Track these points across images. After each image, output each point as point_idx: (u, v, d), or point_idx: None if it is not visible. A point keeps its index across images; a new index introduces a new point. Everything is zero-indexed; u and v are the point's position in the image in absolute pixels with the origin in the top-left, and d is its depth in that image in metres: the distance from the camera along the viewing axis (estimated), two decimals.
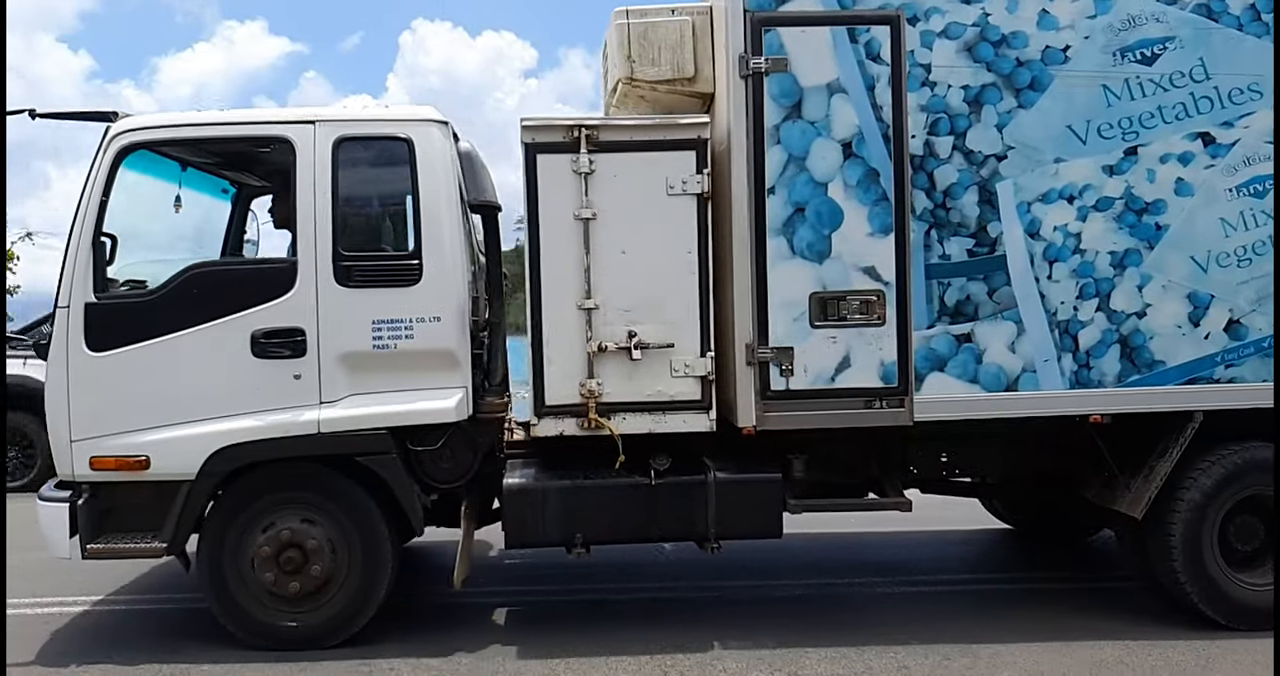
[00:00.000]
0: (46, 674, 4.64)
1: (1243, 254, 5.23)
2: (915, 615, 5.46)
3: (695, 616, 5.45)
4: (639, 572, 6.40)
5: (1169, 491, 5.14)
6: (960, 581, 6.17)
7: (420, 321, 4.77)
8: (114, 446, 4.71)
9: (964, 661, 4.66)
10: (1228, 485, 5.14)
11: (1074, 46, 4.97)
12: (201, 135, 4.92)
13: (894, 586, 6.06)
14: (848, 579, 6.18)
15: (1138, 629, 5.10)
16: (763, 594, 5.88)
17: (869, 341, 4.97)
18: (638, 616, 5.47)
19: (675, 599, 5.85)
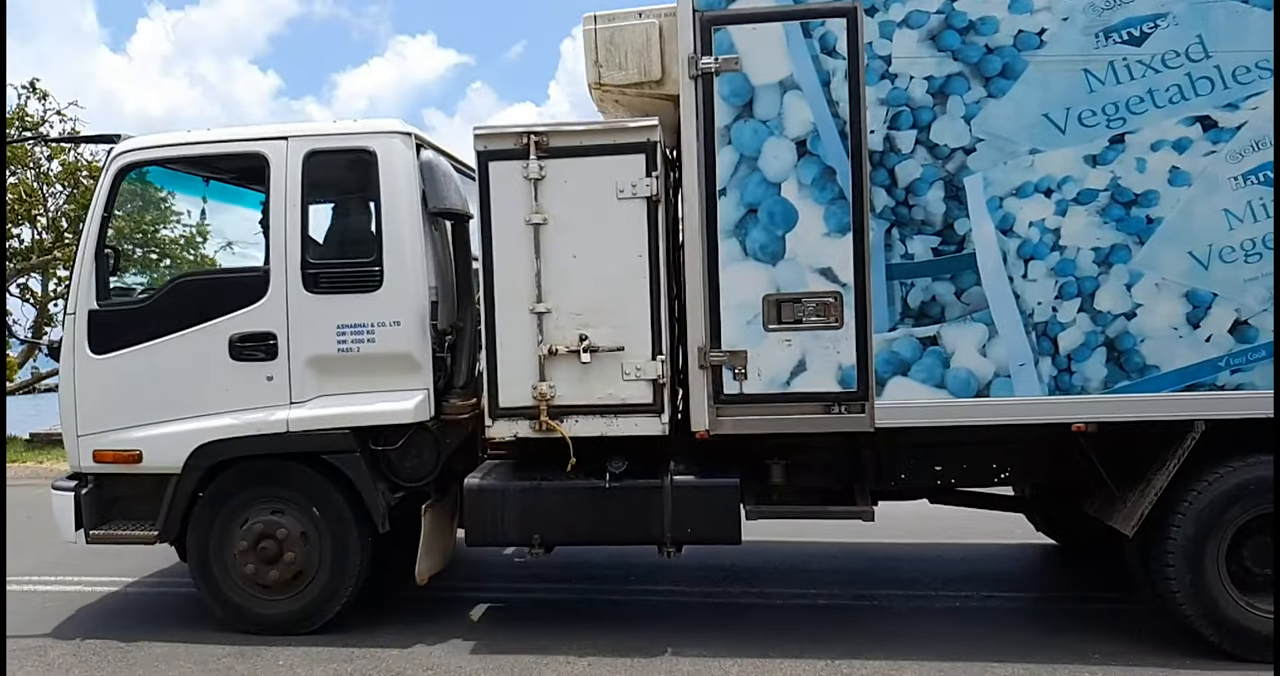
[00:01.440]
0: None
1: (1250, 248, 4.52)
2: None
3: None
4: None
5: (1169, 507, 4.51)
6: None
7: (381, 326, 4.75)
8: (112, 441, 4.91)
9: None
10: (1235, 502, 4.43)
11: (1051, 29, 4.38)
12: (189, 154, 5.04)
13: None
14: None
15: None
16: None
17: (826, 344, 4.56)
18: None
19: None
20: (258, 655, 4.69)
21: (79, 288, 4.94)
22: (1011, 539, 6.60)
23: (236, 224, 6.05)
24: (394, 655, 4.67)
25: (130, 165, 4.98)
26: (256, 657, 4.66)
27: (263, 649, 4.75)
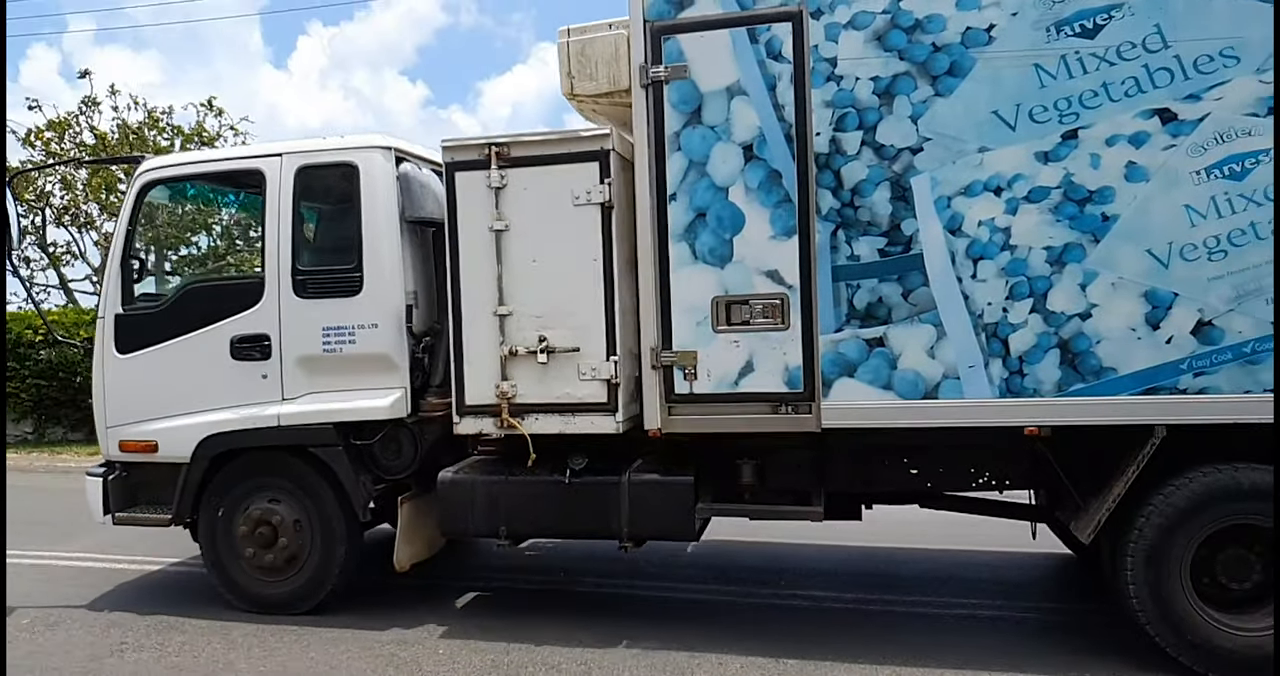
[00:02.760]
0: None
1: (1215, 245, 4.13)
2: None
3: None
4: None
5: (1130, 517, 4.20)
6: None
7: (361, 328, 4.89)
8: (134, 432, 5.21)
9: None
10: (1201, 512, 4.05)
11: (1000, 25, 4.11)
12: (200, 171, 5.37)
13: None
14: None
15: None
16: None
17: (773, 346, 4.42)
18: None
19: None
20: (419, 642, 4.76)
21: (107, 294, 5.44)
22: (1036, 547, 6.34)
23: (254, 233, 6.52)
24: (550, 650, 4.63)
25: (151, 183, 5.34)
26: (418, 645, 4.72)
27: (424, 638, 4.83)
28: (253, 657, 4.62)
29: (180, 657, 4.65)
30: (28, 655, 4.68)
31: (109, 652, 4.72)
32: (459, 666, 4.46)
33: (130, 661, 4.61)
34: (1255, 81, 4.00)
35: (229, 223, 6.18)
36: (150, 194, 5.39)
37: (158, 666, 4.55)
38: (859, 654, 4.51)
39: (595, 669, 4.42)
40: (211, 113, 16.56)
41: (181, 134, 16.77)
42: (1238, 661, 4.13)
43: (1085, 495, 4.46)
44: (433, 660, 4.53)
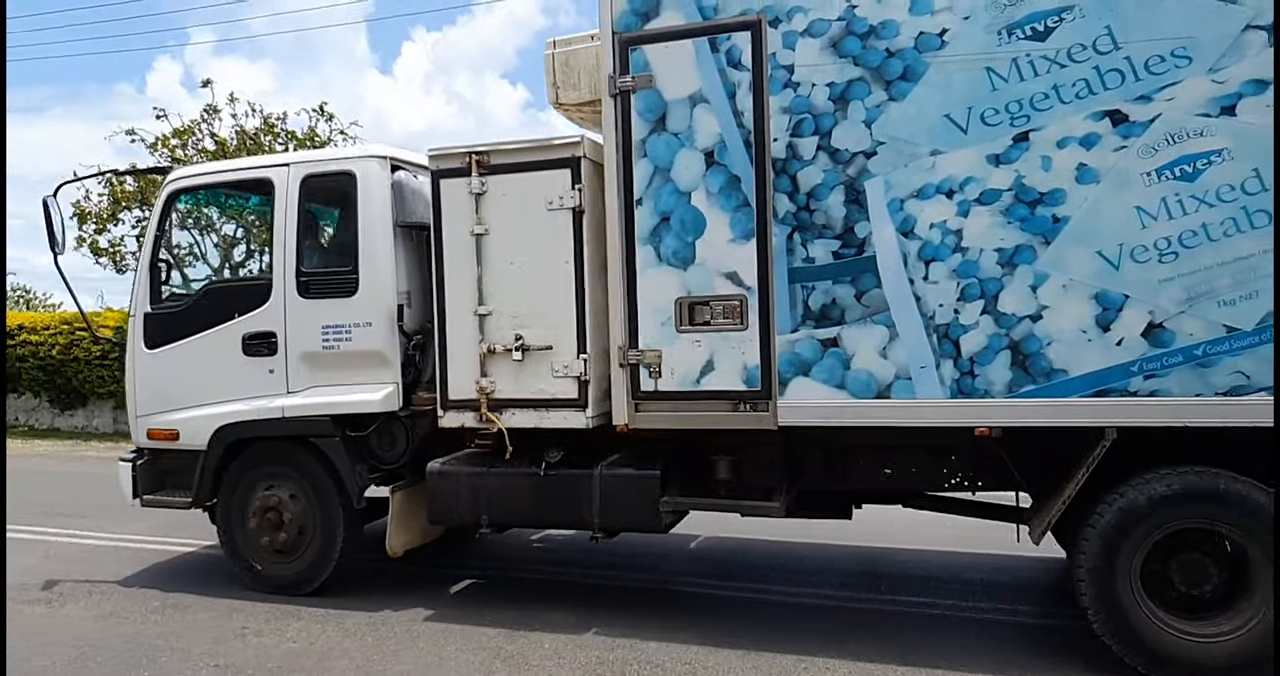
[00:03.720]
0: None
1: (1165, 247, 4.11)
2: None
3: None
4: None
5: (1083, 521, 4.25)
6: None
7: (357, 326, 5.23)
8: (159, 421, 5.67)
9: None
10: (1149, 515, 4.05)
11: (952, 29, 4.18)
12: (220, 180, 5.76)
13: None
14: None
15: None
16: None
17: (733, 345, 4.57)
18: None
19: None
20: (524, 637, 4.83)
21: (137, 294, 5.95)
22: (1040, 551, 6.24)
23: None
24: (654, 647, 4.66)
25: (178, 191, 5.84)
26: (524, 639, 4.80)
27: (529, 632, 4.90)
28: (365, 646, 4.77)
29: (297, 643, 4.83)
30: (160, 635, 4.95)
31: (232, 636, 4.95)
32: (564, 662, 4.52)
33: (251, 645, 4.82)
34: (1207, 81, 3.98)
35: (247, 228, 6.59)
36: (177, 201, 5.80)
37: (276, 651, 4.73)
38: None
39: (700, 669, 4.42)
40: (323, 118, 17.19)
41: (295, 139, 17.33)
42: (1189, 667, 4.10)
43: (1041, 497, 4.47)
44: (539, 655, 4.61)
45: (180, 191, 5.84)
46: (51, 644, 4.83)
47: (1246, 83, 3.94)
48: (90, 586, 5.86)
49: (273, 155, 5.79)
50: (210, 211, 6.47)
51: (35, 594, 5.68)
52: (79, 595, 5.66)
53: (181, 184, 5.82)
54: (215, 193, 6.03)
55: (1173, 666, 4.12)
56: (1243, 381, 3.97)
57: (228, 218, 6.30)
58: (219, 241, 7.09)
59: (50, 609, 5.45)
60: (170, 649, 4.76)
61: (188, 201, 5.92)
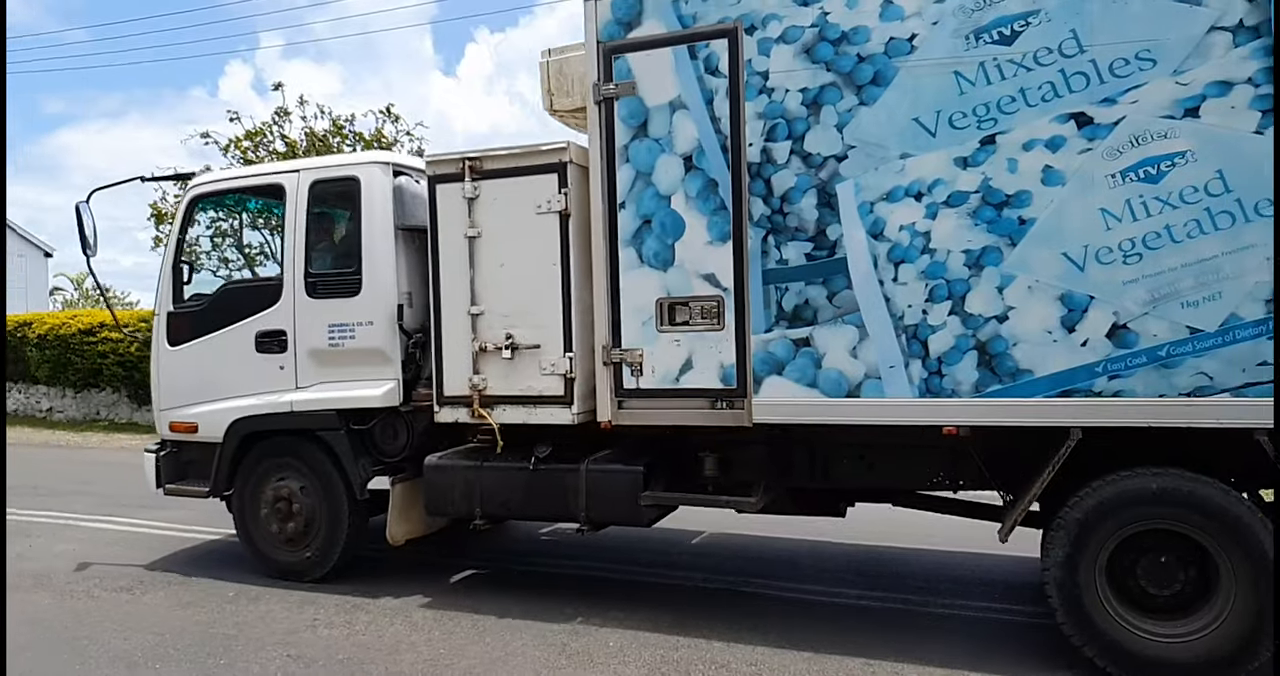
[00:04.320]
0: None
1: (1130, 248, 4.12)
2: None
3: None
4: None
5: (1049, 521, 4.34)
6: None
7: (359, 325, 5.49)
8: (181, 415, 6.01)
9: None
10: (1111, 516, 4.11)
11: (921, 35, 4.27)
12: (237, 186, 6.08)
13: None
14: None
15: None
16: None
17: (710, 345, 4.71)
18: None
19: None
20: (589, 634, 4.87)
21: (161, 294, 6.30)
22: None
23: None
24: (719, 647, 4.66)
25: (199, 197, 6.22)
26: (589, 636, 4.84)
27: (594, 628, 4.95)
28: (433, 640, 4.86)
29: (366, 636, 4.94)
30: (234, 625, 5.11)
31: (303, 627, 5.08)
32: (629, 660, 4.54)
33: (322, 637, 4.93)
34: (1171, 83, 4.02)
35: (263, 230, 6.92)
36: (198, 206, 6.13)
37: (346, 643, 4.84)
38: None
39: (766, 670, 4.40)
40: (390, 120, 17.56)
41: (363, 140, 17.65)
42: (1154, 666, 4.15)
43: (1010, 496, 4.53)
44: (603, 652, 4.64)
45: (201, 197, 6.16)
46: (134, 630, 5.05)
47: (1210, 84, 3.97)
48: (170, 576, 6.10)
49: (285, 162, 6.06)
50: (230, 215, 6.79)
51: (120, 582, 5.96)
52: (160, 584, 5.92)
53: (202, 190, 6.15)
54: (234, 198, 6.34)
55: (1136, 665, 4.17)
56: (1206, 382, 4.00)
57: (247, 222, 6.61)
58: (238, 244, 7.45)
59: (133, 596, 5.69)
60: (245, 639, 4.91)
61: (208, 206, 6.21)
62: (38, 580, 5.97)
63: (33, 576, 6.05)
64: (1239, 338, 3.96)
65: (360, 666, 4.52)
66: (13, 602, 5.40)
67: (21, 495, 8.72)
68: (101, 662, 4.58)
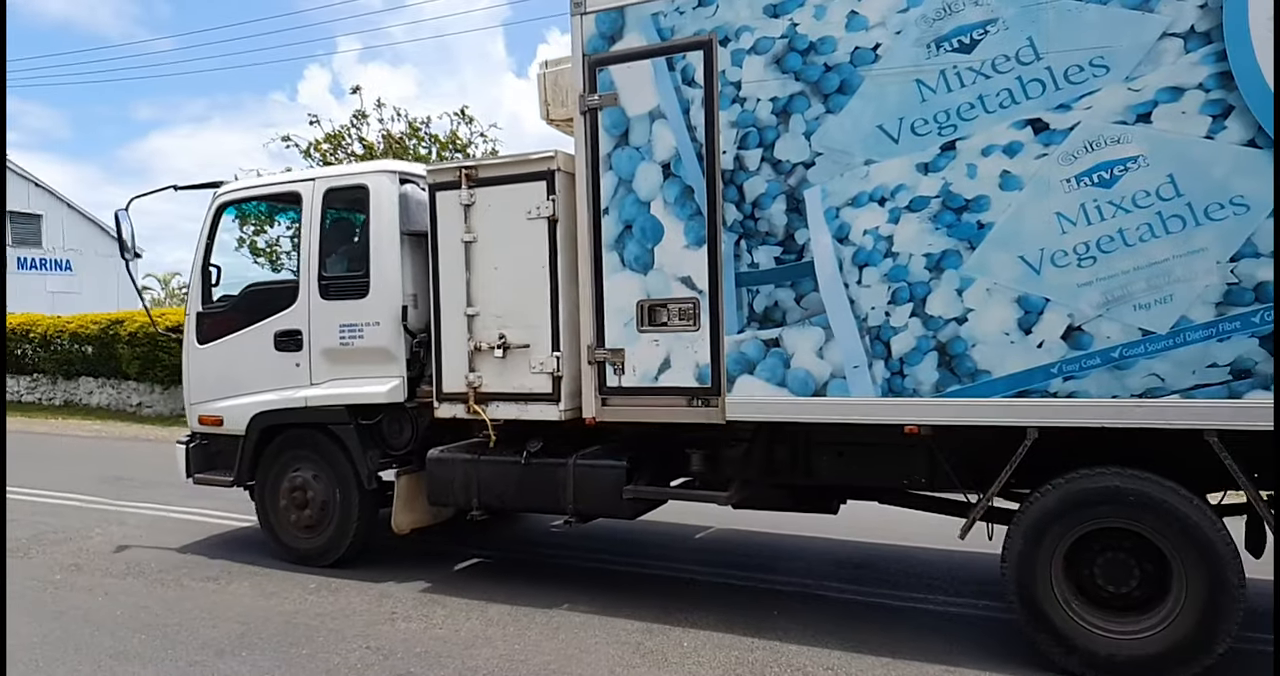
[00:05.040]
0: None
1: (1084, 252, 4.20)
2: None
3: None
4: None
5: (1008, 520, 4.49)
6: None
7: (368, 325, 5.84)
8: (208, 409, 6.45)
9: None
10: (1067, 515, 4.21)
11: (885, 44, 4.41)
12: (260, 193, 6.47)
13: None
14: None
15: None
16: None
17: (686, 345, 4.91)
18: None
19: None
20: (664, 633, 4.89)
21: (191, 295, 6.76)
22: None
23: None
24: (794, 650, 4.66)
25: (225, 204, 6.66)
26: (663, 636, 4.86)
27: (669, 628, 4.97)
28: (508, 635, 4.94)
29: (443, 630, 5.04)
30: (316, 616, 5.27)
31: (382, 619, 5.21)
32: (704, 661, 4.55)
33: (400, 630, 5.04)
34: (1124, 89, 4.11)
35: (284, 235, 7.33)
36: (225, 212, 6.56)
37: (424, 636, 4.94)
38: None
39: (843, 675, 4.41)
40: (464, 121, 17.92)
41: (438, 142, 17.94)
42: (1103, 662, 4.25)
43: (973, 495, 4.65)
44: (678, 652, 4.66)
45: (227, 203, 6.58)
46: (221, 618, 5.25)
47: (1161, 90, 4.04)
48: (253, 567, 6.29)
49: (303, 171, 6.45)
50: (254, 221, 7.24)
51: (207, 571, 6.23)
52: (245, 574, 6.13)
53: (227, 197, 6.58)
54: (258, 204, 6.75)
55: (1090, 662, 4.27)
56: (1157, 384, 4.08)
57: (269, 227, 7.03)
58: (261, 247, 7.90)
59: (219, 585, 5.91)
60: (326, 630, 5.05)
61: (233, 213, 6.63)
62: (130, 567, 6.29)
63: (125, 563, 6.40)
64: (1189, 340, 4.03)
65: (437, 660, 4.60)
66: (109, 588, 5.81)
67: (114, 486, 9.12)
68: (192, 648, 4.79)
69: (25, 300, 23.26)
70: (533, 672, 4.46)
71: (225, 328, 6.46)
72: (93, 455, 11.04)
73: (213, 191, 6.66)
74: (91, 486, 9.26)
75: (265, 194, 6.55)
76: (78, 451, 12.27)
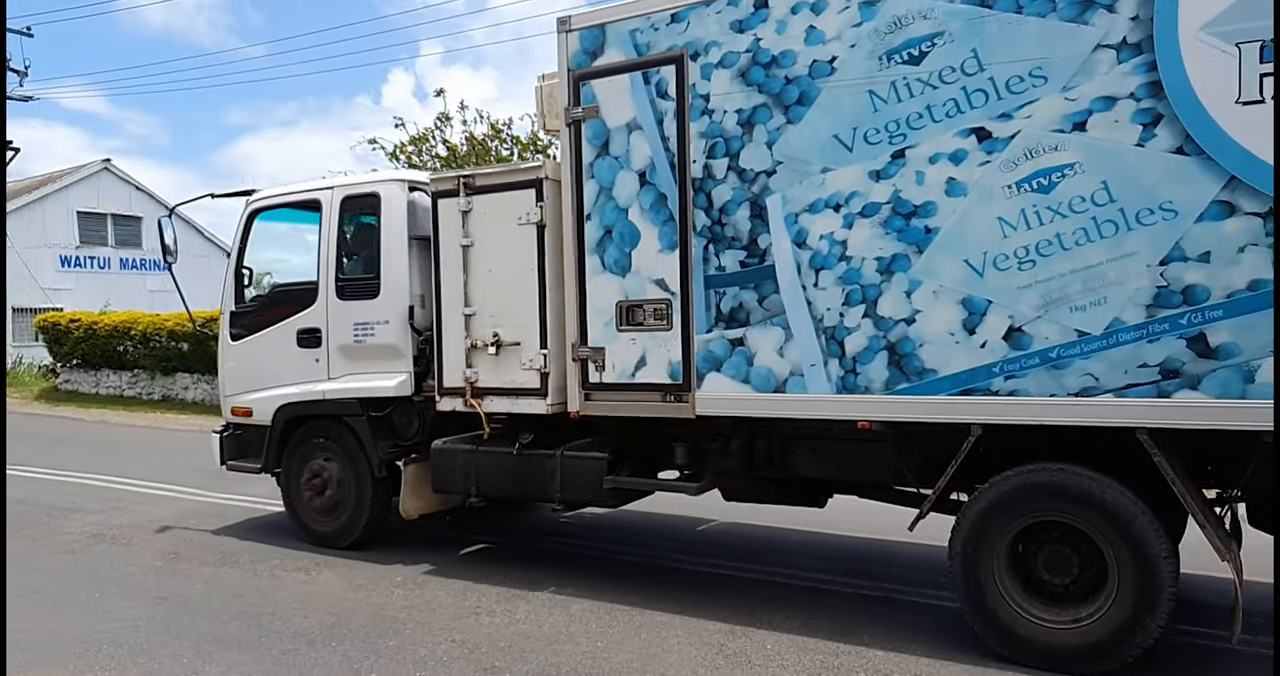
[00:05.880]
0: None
1: (1024, 255, 4.37)
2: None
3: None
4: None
5: (956, 514, 4.67)
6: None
7: (378, 323, 6.29)
8: (239, 401, 6.99)
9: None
10: (1008, 508, 4.39)
11: (840, 57, 4.63)
12: (287, 201, 6.93)
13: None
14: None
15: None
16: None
17: (660, 344, 5.21)
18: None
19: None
20: (747, 635, 4.87)
21: (225, 295, 7.32)
22: None
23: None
24: (880, 656, 4.59)
25: (256, 210, 7.21)
26: (745, 638, 4.84)
27: (752, 630, 4.95)
28: (590, 632, 4.97)
29: (526, 625, 5.11)
30: (402, 609, 5.40)
31: (467, 613, 5.31)
32: (787, 664, 4.50)
33: (485, 624, 5.12)
34: (1061, 99, 4.28)
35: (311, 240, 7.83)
36: (257, 217, 7.10)
37: (508, 631, 5.01)
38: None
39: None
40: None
41: (519, 143, 18.32)
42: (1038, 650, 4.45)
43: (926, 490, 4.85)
44: (761, 655, 4.62)
45: (258, 210, 7.11)
46: (311, 608, 5.41)
47: (1096, 99, 4.20)
48: (341, 559, 6.50)
49: (324, 179, 6.94)
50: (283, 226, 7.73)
51: (298, 562, 6.44)
52: (333, 566, 6.34)
53: (258, 204, 7.12)
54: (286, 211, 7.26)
55: (1027, 650, 4.44)
56: (1092, 383, 4.24)
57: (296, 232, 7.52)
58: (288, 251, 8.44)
59: (309, 576, 6.11)
60: (413, 622, 5.16)
61: (265, 218, 7.16)
62: (225, 557, 6.61)
63: (221, 553, 6.72)
64: (1122, 341, 4.18)
65: (521, 655, 4.66)
66: (207, 576, 6.13)
67: (210, 479, 9.37)
68: (285, 637, 4.93)
69: (126, 299, 24.52)
70: (615, 670, 4.46)
71: (255, 325, 7.00)
72: (190, 448, 11.53)
73: (245, 199, 7.17)
74: (189, 478, 9.68)
75: (291, 201, 7.06)
76: (176, 445, 12.93)
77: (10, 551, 6.51)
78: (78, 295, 25.54)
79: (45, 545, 6.95)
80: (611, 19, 5.41)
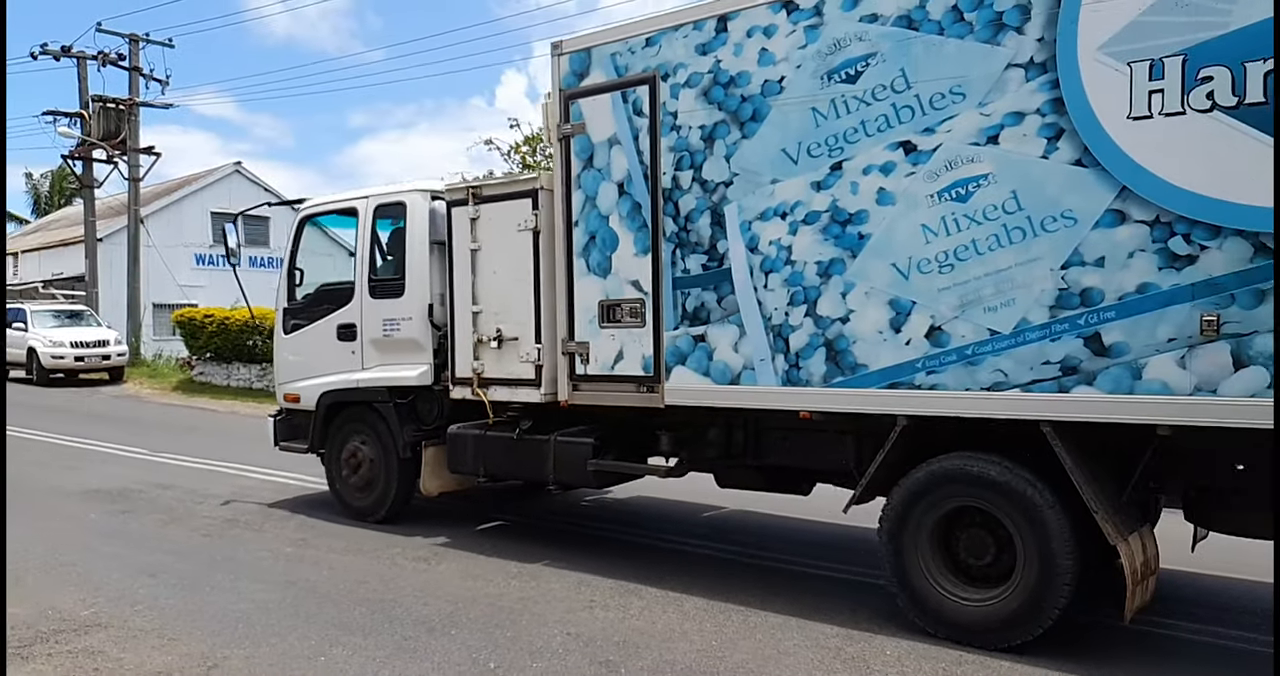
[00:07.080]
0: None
1: (944, 259, 4.68)
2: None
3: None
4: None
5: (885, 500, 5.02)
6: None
7: (403, 320, 6.99)
8: (290, 388, 7.83)
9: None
10: (927, 494, 4.75)
11: (788, 76, 5.04)
12: (331, 209, 7.69)
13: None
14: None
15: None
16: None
17: (636, 339, 5.73)
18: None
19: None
20: (865, 640, 4.78)
21: (279, 293, 8.19)
22: None
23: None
24: (1006, 667, 4.48)
25: (305, 218, 8.05)
26: (865, 642, 4.75)
27: (870, 635, 4.87)
28: (705, 631, 4.94)
29: (640, 621, 5.11)
30: (518, 600, 5.48)
31: (581, 607, 5.35)
32: (908, 671, 4.42)
33: (599, 618, 5.15)
34: (977, 114, 4.63)
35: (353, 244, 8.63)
36: (306, 224, 7.94)
37: (622, 626, 5.02)
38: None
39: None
40: None
41: None
42: (954, 623, 4.81)
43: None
44: (880, 660, 4.54)
45: (307, 218, 7.96)
46: (431, 596, 5.54)
47: (1007, 114, 4.54)
48: (460, 550, 6.67)
49: (362, 189, 7.72)
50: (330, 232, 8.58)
51: (418, 551, 6.65)
52: (452, 557, 6.49)
53: (307, 212, 7.97)
54: (331, 218, 8.08)
55: (943, 623, 4.80)
56: (1001, 379, 4.58)
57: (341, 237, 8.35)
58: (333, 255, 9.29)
59: (429, 565, 6.27)
60: (528, 614, 5.21)
61: (314, 224, 8.00)
62: (349, 544, 6.84)
63: (345, 540, 6.97)
64: (1028, 340, 4.50)
65: (635, 650, 4.65)
66: (333, 563, 6.34)
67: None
68: (405, 624, 5.05)
69: (255, 295, 25.87)
70: (730, 670, 4.43)
71: (304, 320, 7.84)
72: None
73: (295, 207, 8.02)
74: (313, 468, 9.73)
75: (333, 209, 7.87)
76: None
77: (148, 532, 7.29)
78: (210, 291, 26.50)
79: (184, 527, 7.43)
80: (596, 43, 5.97)
